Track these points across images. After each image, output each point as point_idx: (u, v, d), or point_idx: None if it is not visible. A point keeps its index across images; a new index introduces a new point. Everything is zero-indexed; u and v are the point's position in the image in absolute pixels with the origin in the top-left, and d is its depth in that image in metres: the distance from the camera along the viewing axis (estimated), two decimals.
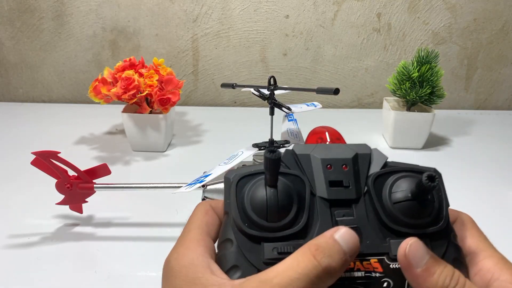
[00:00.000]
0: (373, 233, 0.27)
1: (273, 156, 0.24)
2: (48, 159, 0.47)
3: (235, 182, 0.27)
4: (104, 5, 0.95)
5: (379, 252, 0.26)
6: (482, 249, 0.28)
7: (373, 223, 0.27)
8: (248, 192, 0.26)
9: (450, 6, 0.97)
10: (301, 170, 0.28)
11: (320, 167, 0.28)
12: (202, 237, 0.27)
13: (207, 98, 1.05)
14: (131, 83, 0.67)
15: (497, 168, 0.73)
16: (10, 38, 0.98)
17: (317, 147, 0.29)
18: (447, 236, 0.27)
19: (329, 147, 0.29)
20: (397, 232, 0.26)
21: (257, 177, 0.27)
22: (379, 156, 0.29)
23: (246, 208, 0.26)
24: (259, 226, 0.26)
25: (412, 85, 0.75)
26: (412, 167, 0.29)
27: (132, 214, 0.56)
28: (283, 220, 0.26)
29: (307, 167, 0.28)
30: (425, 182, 0.24)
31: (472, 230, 0.29)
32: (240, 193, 0.27)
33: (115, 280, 0.45)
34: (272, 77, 0.46)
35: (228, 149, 0.58)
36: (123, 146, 0.77)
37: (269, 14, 0.97)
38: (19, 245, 0.50)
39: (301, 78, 1.03)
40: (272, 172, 0.25)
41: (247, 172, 0.27)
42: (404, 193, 0.27)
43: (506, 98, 1.07)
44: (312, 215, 0.27)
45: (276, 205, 0.25)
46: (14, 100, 1.04)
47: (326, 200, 0.27)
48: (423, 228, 0.27)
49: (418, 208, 0.26)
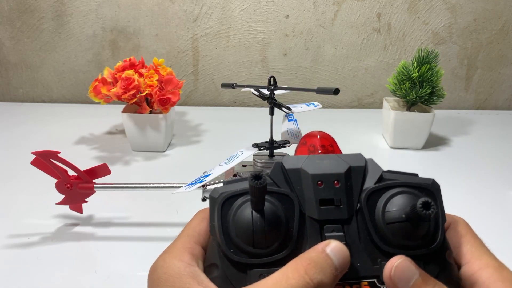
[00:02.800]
0: (364, 254, 0.25)
1: (258, 184, 0.22)
2: (48, 159, 0.47)
3: (220, 204, 0.25)
4: (104, 5, 0.95)
5: (370, 275, 0.25)
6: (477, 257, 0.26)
7: (365, 243, 0.26)
8: (234, 215, 0.25)
9: (450, 6, 0.97)
10: (290, 187, 0.26)
11: (310, 184, 0.26)
12: (191, 245, 0.27)
13: (207, 98, 1.05)
14: (131, 83, 0.67)
15: (497, 168, 0.73)
16: (10, 38, 0.98)
17: (308, 160, 0.27)
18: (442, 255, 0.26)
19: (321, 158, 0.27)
20: (390, 254, 0.25)
21: (243, 197, 0.25)
22: (374, 168, 0.27)
23: (231, 233, 0.25)
24: (245, 252, 0.24)
25: (412, 85, 0.75)
26: (409, 182, 0.27)
27: (132, 214, 0.56)
28: (271, 246, 0.24)
29: (297, 184, 0.26)
30: (419, 210, 0.23)
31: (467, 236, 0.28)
32: (225, 216, 0.25)
33: (115, 280, 0.45)
34: (272, 77, 0.46)
35: (228, 149, 0.58)
36: (123, 146, 0.77)
37: (269, 14, 0.97)
38: (19, 245, 0.50)
39: (301, 78, 1.03)
40: (258, 198, 0.24)
41: (232, 191, 0.26)
42: (398, 213, 0.25)
43: (506, 98, 1.07)
44: (301, 236, 0.25)
45: (263, 230, 0.24)
46: (14, 100, 1.04)
47: (316, 221, 0.26)
48: (417, 249, 0.25)
49: (412, 230, 0.25)
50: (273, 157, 0.47)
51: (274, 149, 0.47)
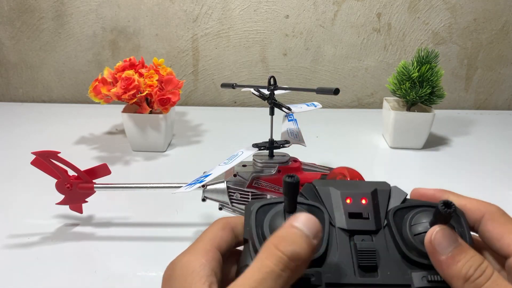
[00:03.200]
0: (394, 264, 0.26)
1: (292, 180, 0.25)
2: (48, 159, 0.47)
3: (255, 211, 0.27)
4: (104, 5, 0.95)
5: (401, 284, 0.26)
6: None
7: (394, 255, 0.27)
8: (267, 220, 0.27)
9: (450, 6, 0.97)
10: (320, 202, 0.29)
11: (339, 200, 0.28)
12: (212, 248, 0.27)
13: (207, 98, 1.05)
14: (131, 83, 0.67)
15: (497, 168, 0.73)
16: (10, 38, 0.98)
17: (337, 182, 0.30)
18: None
19: (348, 182, 0.30)
20: (419, 264, 0.26)
21: (276, 206, 0.28)
22: (398, 192, 0.30)
23: (266, 235, 0.26)
24: None
25: (412, 85, 0.75)
26: (431, 203, 0.29)
27: (132, 214, 0.56)
28: None
29: (327, 200, 0.29)
30: (441, 209, 0.25)
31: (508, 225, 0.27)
32: (259, 221, 0.27)
33: (115, 280, 0.45)
34: (272, 77, 0.46)
35: (228, 149, 0.58)
36: (123, 146, 0.77)
37: (269, 14, 0.97)
38: (19, 245, 0.50)
39: (301, 78, 1.03)
40: (291, 196, 0.26)
41: (266, 201, 0.28)
42: (424, 225, 0.27)
43: (506, 98, 1.07)
44: (330, 244, 0.27)
45: None
46: (14, 100, 1.04)
47: (345, 231, 0.27)
48: None
49: None
50: (273, 157, 0.47)
51: (274, 149, 0.47)
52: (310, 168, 0.48)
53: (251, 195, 0.47)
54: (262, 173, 0.46)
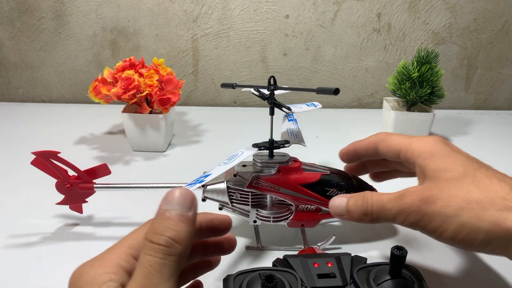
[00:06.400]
0: None
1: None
2: (48, 159, 0.47)
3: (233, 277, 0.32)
4: (104, 5, 0.95)
5: None
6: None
7: None
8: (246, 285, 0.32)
9: (450, 6, 0.97)
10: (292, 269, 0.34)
11: (308, 266, 0.35)
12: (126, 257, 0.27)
13: (207, 98, 1.05)
14: (131, 83, 0.67)
15: (497, 168, 0.73)
16: (10, 38, 0.98)
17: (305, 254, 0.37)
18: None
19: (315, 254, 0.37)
20: None
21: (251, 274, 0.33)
22: (359, 259, 0.36)
23: None
24: None
25: (412, 85, 0.75)
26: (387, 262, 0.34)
27: (132, 214, 0.56)
28: None
29: (297, 268, 0.35)
30: (395, 251, 0.31)
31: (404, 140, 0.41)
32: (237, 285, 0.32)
33: None
34: (272, 77, 0.46)
35: (228, 149, 0.57)
36: (123, 146, 0.77)
37: (269, 14, 0.97)
38: (19, 245, 0.50)
39: (301, 78, 1.03)
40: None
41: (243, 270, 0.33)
42: (385, 275, 0.33)
43: (506, 98, 1.07)
44: None
45: None
46: (14, 100, 1.04)
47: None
48: None
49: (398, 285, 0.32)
50: (273, 157, 0.47)
51: (274, 149, 0.47)
52: (310, 168, 0.48)
53: (251, 195, 0.47)
54: (262, 173, 0.46)
